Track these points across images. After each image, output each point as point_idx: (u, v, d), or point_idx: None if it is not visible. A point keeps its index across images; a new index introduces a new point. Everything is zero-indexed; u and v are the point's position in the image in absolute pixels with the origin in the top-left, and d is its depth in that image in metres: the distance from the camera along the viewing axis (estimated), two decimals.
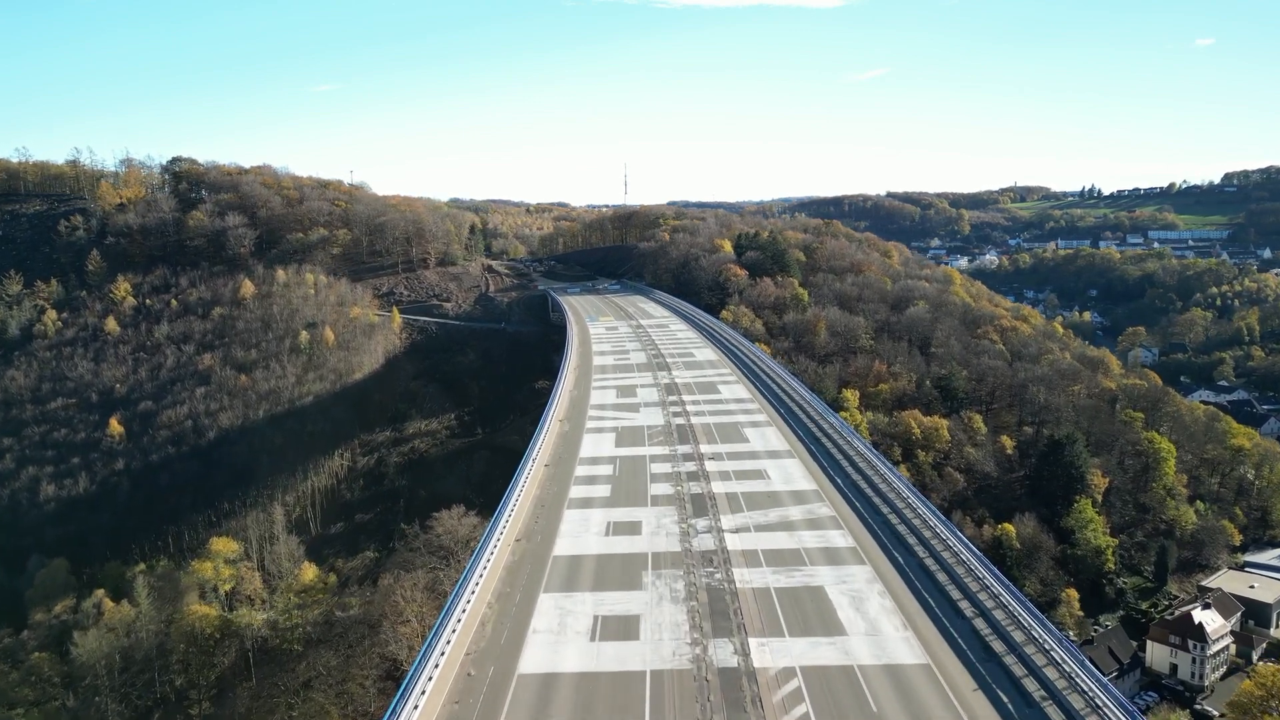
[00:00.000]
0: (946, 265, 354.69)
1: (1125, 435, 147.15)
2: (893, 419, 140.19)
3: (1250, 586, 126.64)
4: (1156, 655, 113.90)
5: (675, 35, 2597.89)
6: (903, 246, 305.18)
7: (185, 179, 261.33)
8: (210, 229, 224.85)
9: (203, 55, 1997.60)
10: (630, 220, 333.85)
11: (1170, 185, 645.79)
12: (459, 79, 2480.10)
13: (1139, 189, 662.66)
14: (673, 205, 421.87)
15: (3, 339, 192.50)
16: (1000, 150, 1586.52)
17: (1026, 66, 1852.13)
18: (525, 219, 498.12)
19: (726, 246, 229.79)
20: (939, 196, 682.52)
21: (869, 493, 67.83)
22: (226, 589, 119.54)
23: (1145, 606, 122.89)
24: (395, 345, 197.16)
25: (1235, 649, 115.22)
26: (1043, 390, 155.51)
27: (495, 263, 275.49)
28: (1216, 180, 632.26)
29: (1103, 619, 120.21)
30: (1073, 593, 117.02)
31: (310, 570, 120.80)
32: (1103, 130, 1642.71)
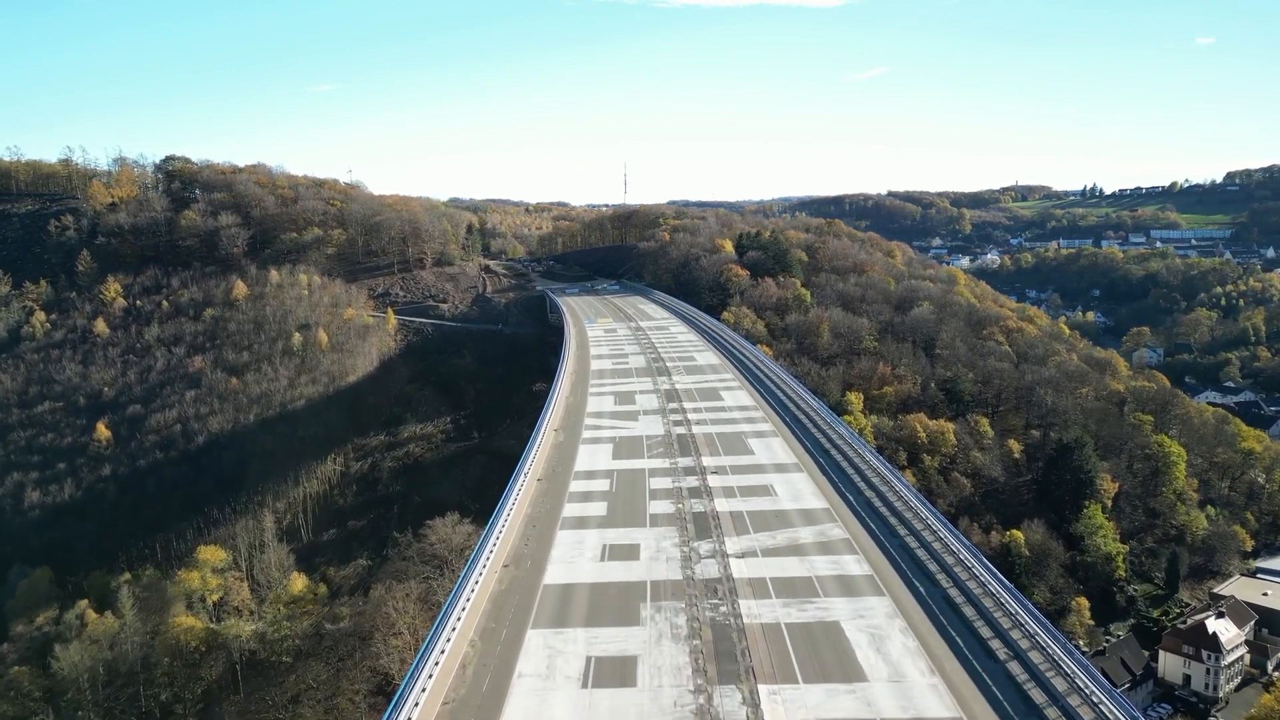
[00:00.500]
0: (948, 265, 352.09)
1: (1134, 439, 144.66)
2: (898, 422, 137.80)
3: (1263, 594, 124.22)
4: (1169, 666, 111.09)
5: (675, 35, 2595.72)
6: (906, 246, 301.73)
7: (178, 178, 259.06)
8: (203, 229, 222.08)
9: (203, 55, 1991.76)
10: (630, 220, 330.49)
11: (1172, 184, 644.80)
12: (459, 79, 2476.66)
13: (1141, 188, 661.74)
14: (673, 205, 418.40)
15: None
16: (1001, 149, 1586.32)
17: (1026, 66, 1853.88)
18: (524, 219, 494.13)
19: (727, 246, 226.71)
20: (940, 196, 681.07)
21: (884, 511, 63.85)
22: (214, 599, 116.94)
23: (1157, 615, 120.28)
24: (390, 347, 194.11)
25: (1250, 658, 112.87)
26: (1050, 393, 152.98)
27: (493, 263, 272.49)
28: (1218, 179, 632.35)
29: (1113, 628, 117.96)
30: (1083, 601, 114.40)
31: (300, 580, 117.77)
32: (1103, 129, 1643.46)
